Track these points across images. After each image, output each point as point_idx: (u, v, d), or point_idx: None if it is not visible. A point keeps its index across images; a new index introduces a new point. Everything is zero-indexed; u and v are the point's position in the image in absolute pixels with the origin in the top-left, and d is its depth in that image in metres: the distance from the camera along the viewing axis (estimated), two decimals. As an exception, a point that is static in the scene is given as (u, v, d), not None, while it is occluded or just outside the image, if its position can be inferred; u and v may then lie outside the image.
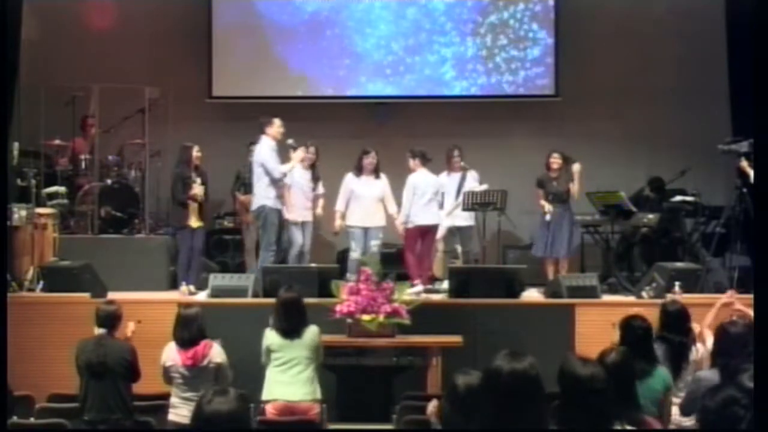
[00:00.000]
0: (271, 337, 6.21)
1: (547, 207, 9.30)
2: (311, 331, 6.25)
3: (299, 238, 9.30)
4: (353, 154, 9.49)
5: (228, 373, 6.08)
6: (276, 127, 8.89)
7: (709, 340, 5.79)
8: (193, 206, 8.98)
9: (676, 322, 5.75)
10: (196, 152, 9.06)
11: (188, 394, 5.91)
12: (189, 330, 5.97)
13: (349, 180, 9.36)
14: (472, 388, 3.33)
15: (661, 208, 9.74)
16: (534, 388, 3.05)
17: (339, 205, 9.34)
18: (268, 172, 8.79)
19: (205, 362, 5.93)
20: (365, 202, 9.28)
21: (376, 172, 9.38)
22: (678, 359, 5.62)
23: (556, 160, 9.38)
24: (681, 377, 5.59)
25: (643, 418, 4.11)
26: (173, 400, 5.98)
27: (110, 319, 6.12)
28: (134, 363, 6.06)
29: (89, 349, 5.98)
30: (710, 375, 4.98)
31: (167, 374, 6.02)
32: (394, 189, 9.51)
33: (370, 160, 9.33)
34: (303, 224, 9.41)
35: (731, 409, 3.19)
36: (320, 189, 9.52)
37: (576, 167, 9.29)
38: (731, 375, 4.45)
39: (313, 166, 9.45)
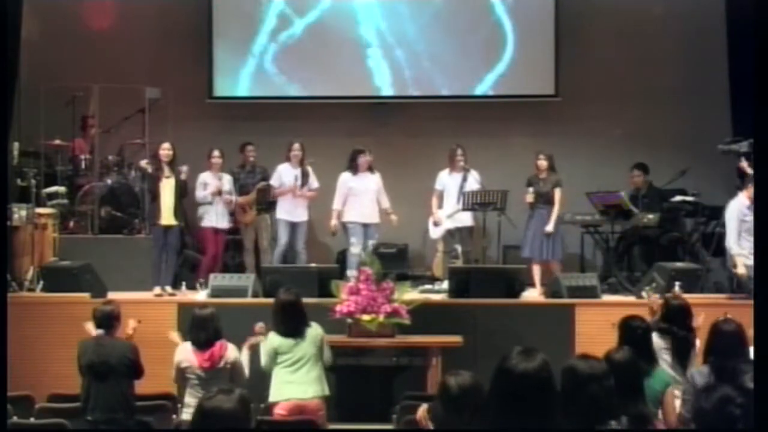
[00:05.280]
0: (276, 340, 6.21)
1: (529, 197, 9.28)
2: (314, 329, 6.28)
3: (284, 238, 9.37)
4: (354, 154, 9.54)
5: (243, 370, 6.09)
6: None
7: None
8: (166, 204, 8.77)
9: (679, 316, 5.78)
10: (163, 149, 8.89)
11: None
12: (206, 331, 5.96)
13: (346, 179, 9.43)
14: (465, 388, 3.34)
15: (661, 208, 9.74)
16: (545, 390, 3.05)
17: (336, 204, 9.41)
18: None
19: (222, 363, 5.94)
20: (363, 199, 9.37)
21: (370, 169, 9.45)
22: (684, 353, 5.64)
23: (541, 162, 9.39)
24: (688, 372, 5.60)
25: (650, 414, 4.15)
26: (188, 400, 5.97)
27: (107, 320, 6.11)
28: (137, 361, 6.06)
29: (90, 351, 5.98)
30: (704, 372, 4.97)
31: (182, 375, 6.01)
32: (393, 189, 9.56)
33: (366, 159, 9.44)
34: (294, 224, 9.44)
35: (727, 409, 3.19)
36: (314, 184, 9.56)
37: (557, 193, 9.30)
38: (729, 376, 4.46)
39: (301, 163, 9.50)
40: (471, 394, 3.31)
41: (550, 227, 9.27)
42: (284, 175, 9.55)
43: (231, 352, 6.03)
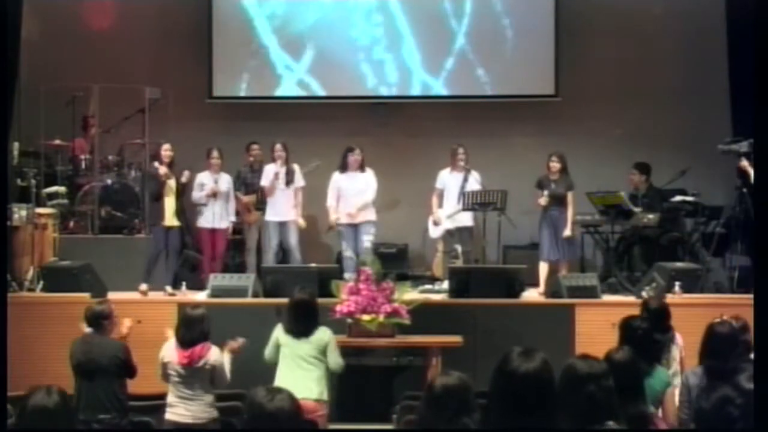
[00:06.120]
0: (281, 333, 6.31)
1: (543, 200, 9.27)
2: (320, 332, 6.31)
3: (274, 240, 9.36)
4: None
5: (225, 375, 6.06)
6: None
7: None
8: (168, 205, 8.87)
9: (657, 319, 5.76)
10: (164, 150, 9.01)
11: (184, 393, 5.91)
12: (191, 332, 5.94)
13: (336, 178, 9.45)
14: (449, 388, 3.34)
15: (661, 208, 9.74)
16: (546, 390, 3.05)
17: (330, 201, 9.43)
18: None
19: (200, 363, 5.90)
20: (351, 198, 9.36)
21: (361, 168, 9.44)
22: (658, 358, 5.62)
23: (554, 164, 9.38)
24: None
25: (650, 414, 4.16)
26: (170, 399, 5.96)
27: (96, 318, 6.11)
28: (128, 360, 6.04)
29: (77, 350, 5.99)
30: (698, 373, 4.95)
31: (164, 371, 6.01)
32: (393, 189, 9.54)
33: (355, 158, 9.42)
34: (283, 224, 9.42)
35: (726, 409, 3.20)
36: (299, 182, 9.56)
37: (570, 196, 9.30)
38: (726, 376, 4.45)
39: (286, 162, 9.48)
40: (455, 393, 3.31)
41: (568, 231, 9.29)
42: (270, 174, 9.54)
43: (213, 354, 5.97)
